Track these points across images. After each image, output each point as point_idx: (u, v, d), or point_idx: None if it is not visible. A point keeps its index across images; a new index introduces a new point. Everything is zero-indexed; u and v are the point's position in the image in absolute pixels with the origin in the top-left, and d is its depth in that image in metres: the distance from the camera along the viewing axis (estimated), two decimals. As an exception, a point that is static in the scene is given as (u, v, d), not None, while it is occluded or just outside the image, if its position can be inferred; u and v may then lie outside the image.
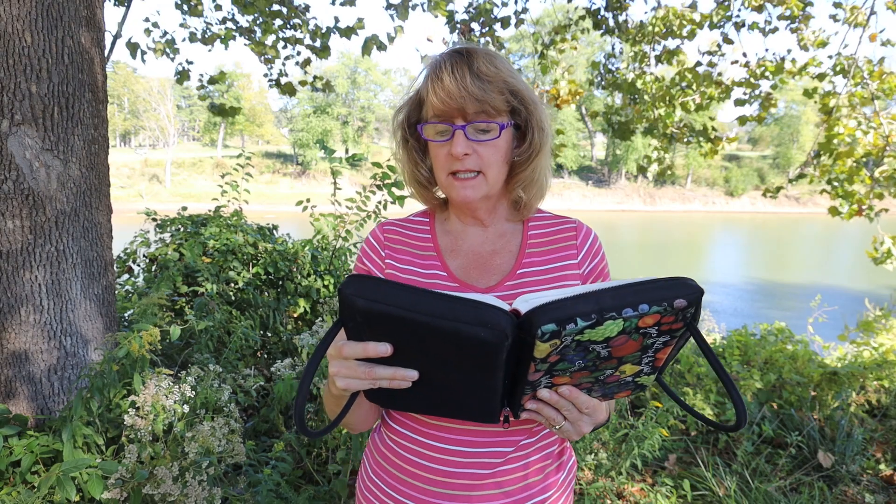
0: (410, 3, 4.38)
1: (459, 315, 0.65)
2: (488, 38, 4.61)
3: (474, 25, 4.57)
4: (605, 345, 0.67)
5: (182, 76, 4.88)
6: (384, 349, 0.70)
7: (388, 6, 4.38)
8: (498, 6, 4.58)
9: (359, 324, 0.69)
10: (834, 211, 4.37)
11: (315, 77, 5.06)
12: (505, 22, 4.51)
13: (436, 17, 4.48)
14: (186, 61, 4.94)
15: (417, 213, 1.08)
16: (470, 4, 4.61)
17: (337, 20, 4.63)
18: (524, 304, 0.67)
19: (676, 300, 0.64)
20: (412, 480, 0.96)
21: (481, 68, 0.87)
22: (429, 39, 4.34)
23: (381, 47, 4.38)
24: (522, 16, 4.61)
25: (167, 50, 4.83)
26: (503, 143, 0.92)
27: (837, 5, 4.33)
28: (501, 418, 0.80)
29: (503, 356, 0.68)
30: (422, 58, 4.00)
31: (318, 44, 4.79)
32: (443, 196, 1.05)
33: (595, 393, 0.78)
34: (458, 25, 4.54)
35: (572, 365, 0.70)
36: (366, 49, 4.35)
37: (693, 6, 4.80)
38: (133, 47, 4.41)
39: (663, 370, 0.75)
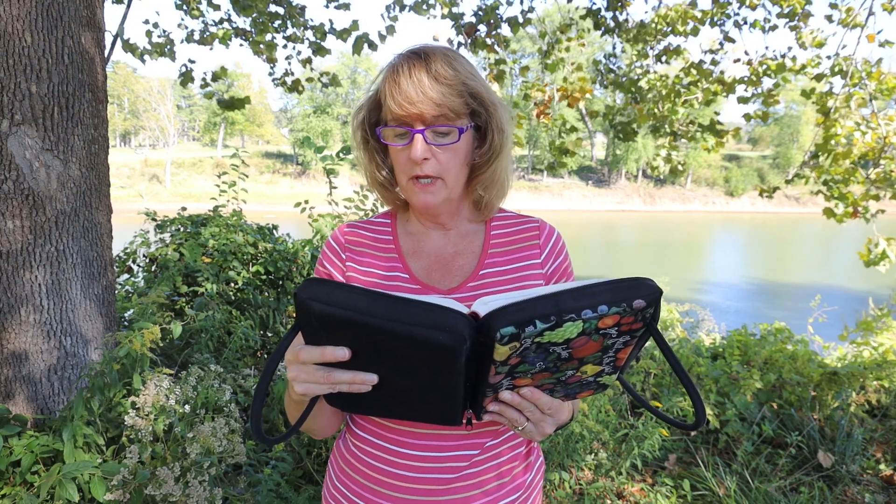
0: (417, 2, 4.37)
1: (416, 319, 0.65)
2: (494, 40, 4.59)
3: (481, 27, 4.54)
4: (565, 346, 0.67)
5: (185, 78, 4.87)
6: (342, 353, 0.69)
7: (403, 7, 4.37)
8: (503, 5, 4.55)
9: (315, 328, 0.69)
10: (829, 213, 4.37)
11: (321, 73, 5.06)
12: (513, 22, 4.48)
13: (441, 17, 4.47)
14: (189, 61, 4.93)
15: (379, 215, 1.07)
16: (479, 8, 4.59)
17: (332, 22, 4.63)
18: (483, 306, 0.67)
19: (635, 301, 0.64)
20: (377, 487, 0.95)
21: (440, 71, 0.85)
22: (434, 38, 4.33)
23: (373, 46, 4.37)
24: (529, 15, 4.59)
25: (165, 50, 4.82)
26: (463, 146, 0.91)
27: (833, 6, 4.33)
28: (464, 421, 0.79)
29: (462, 360, 0.67)
30: None
31: (315, 41, 4.78)
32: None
33: (557, 393, 0.78)
34: (464, 27, 4.52)
35: (533, 367, 0.69)
36: (356, 48, 4.34)
37: (693, 4, 4.80)
38: (132, 48, 4.41)
39: (624, 369, 0.75)
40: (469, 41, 4.51)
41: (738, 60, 4.84)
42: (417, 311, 0.65)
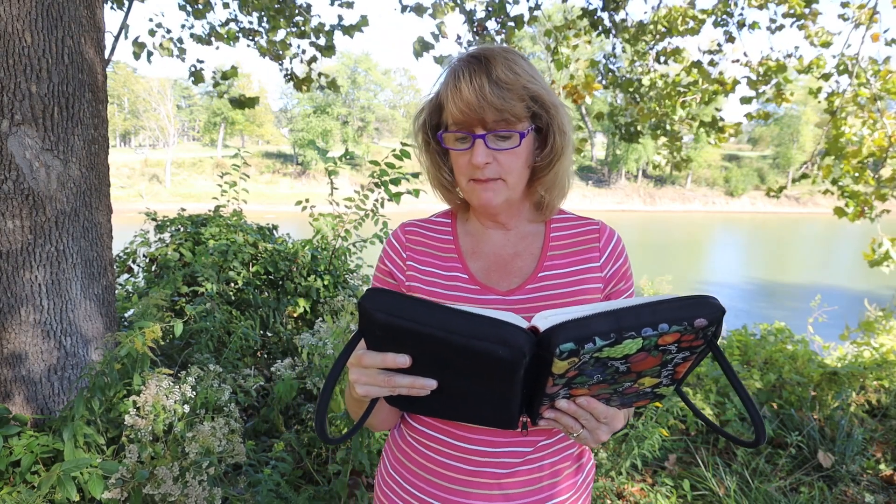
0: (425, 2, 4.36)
1: (478, 333, 0.66)
2: (503, 37, 4.56)
3: (489, 24, 4.51)
4: (623, 361, 0.67)
5: (196, 77, 4.88)
6: (403, 361, 0.70)
7: (419, 8, 4.36)
8: (510, 3, 4.54)
9: (378, 336, 0.70)
10: (840, 211, 4.37)
11: (320, 74, 5.06)
12: (519, 21, 4.46)
13: (447, 12, 4.46)
14: (197, 61, 4.94)
15: (439, 214, 1.07)
16: (487, 3, 4.57)
17: (340, 18, 4.62)
18: (543, 321, 0.67)
19: (697, 320, 0.63)
20: (432, 478, 0.96)
21: (500, 75, 0.85)
22: (443, 35, 4.33)
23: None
24: (536, 12, 4.57)
25: (176, 50, 4.83)
26: (524, 149, 0.90)
27: (845, 4, 4.32)
28: (520, 425, 0.80)
29: (521, 373, 0.68)
30: (437, 59, 3.99)
31: (322, 42, 4.78)
32: None
33: (613, 402, 0.78)
34: (476, 24, 4.49)
35: (590, 379, 0.70)
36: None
37: (692, 3, 4.79)
38: (140, 47, 4.42)
39: (682, 381, 0.75)
40: (478, 38, 4.49)
41: (737, 61, 4.84)
42: (479, 325, 0.66)
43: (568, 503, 0.98)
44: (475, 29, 4.49)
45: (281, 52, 4.86)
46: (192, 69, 4.88)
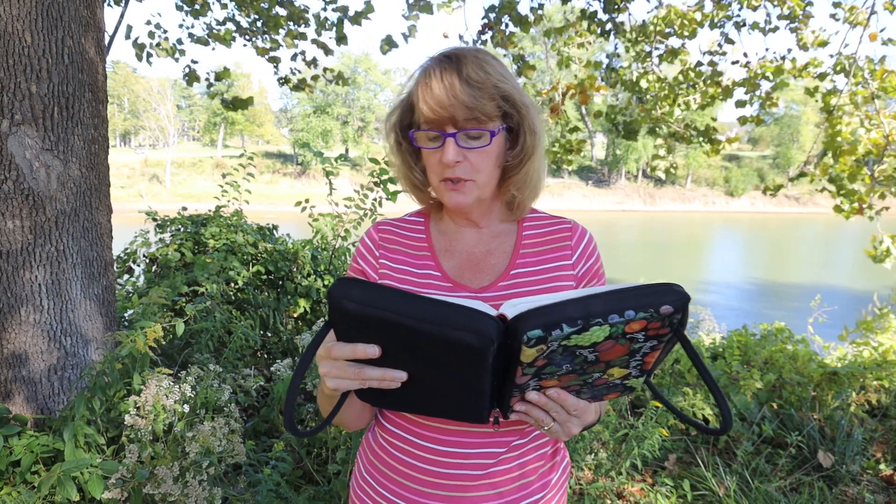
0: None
1: (445, 320, 0.66)
2: (508, 37, 4.54)
3: (502, 26, 4.49)
4: (591, 349, 0.68)
5: (191, 77, 4.87)
6: (373, 351, 0.71)
7: (426, 7, 4.34)
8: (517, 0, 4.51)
9: (348, 326, 0.70)
10: (838, 209, 4.37)
11: (326, 69, 5.05)
12: (524, 21, 4.44)
13: (449, 12, 4.45)
14: (192, 61, 4.93)
15: (412, 213, 1.08)
16: (498, 4, 4.53)
17: (346, 8, 4.60)
18: (511, 309, 0.68)
19: (663, 307, 0.64)
20: (404, 480, 0.96)
21: (471, 74, 0.86)
22: (445, 35, 4.32)
23: (394, 45, 4.36)
24: (539, 12, 4.55)
25: (174, 51, 4.82)
26: (494, 148, 0.91)
27: (837, 5, 4.32)
28: (491, 419, 0.80)
29: (489, 361, 0.69)
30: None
31: (333, 36, 4.76)
32: None
33: (584, 395, 0.79)
34: (489, 23, 4.47)
35: (560, 368, 0.70)
36: (383, 49, 4.33)
37: (700, 5, 4.79)
38: (140, 48, 4.42)
39: (651, 373, 0.76)
40: (488, 37, 4.47)
41: (737, 62, 4.83)
42: (447, 313, 0.66)
43: (543, 502, 0.99)
44: (482, 29, 4.46)
45: (276, 55, 4.85)
46: (187, 70, 4.87)
